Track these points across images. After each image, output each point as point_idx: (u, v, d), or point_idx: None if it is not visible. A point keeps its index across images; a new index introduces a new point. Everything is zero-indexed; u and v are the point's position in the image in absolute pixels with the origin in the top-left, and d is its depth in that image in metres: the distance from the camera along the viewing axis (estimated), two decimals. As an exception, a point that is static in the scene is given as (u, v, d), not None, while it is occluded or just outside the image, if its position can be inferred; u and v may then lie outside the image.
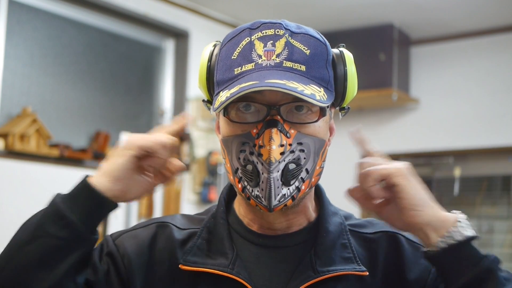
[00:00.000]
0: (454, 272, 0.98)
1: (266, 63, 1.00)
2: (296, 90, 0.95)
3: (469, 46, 4.75)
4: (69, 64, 3.89)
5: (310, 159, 1.02)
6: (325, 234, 1.08)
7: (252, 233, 1.09)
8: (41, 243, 0.97)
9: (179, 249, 1.09)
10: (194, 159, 4.37)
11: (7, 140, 3.36)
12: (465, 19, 4.53)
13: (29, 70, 3.67)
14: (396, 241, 1.11)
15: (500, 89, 4.60)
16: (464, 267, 0.97)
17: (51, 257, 0.97)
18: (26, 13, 3.66)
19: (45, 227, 0.98)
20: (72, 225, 0.98)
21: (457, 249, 0.98)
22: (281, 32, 1.02)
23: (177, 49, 4.44)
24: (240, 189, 1.04)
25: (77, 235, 0.98)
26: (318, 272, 1.04)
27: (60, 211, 0.98)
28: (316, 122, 1.03)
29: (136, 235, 1.12)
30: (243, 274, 1.04)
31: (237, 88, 0.97)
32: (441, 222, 0.99)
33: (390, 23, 4.60)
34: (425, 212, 1.00)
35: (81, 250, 0.99)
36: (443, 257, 0.98)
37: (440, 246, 0.98)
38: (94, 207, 1.00)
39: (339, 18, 4.55)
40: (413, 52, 4.93)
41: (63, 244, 0.97)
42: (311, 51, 1.02)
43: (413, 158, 4.72)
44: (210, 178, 4.37)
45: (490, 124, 4.57)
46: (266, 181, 0.99)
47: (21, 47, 3.64)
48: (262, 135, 1.00)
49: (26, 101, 3.60)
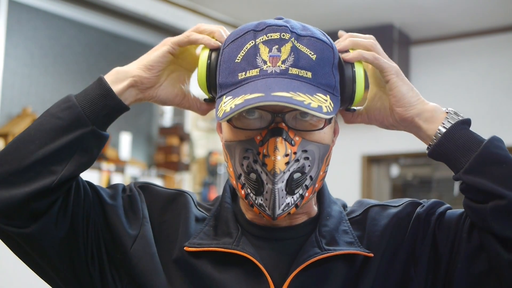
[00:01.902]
0: (460, 152, 1.00)
1: (271, 70, 0.98)
2: (302, 105, 0.93)
3: (469, 46, 4.75)
4: (69, 64, 3.89)
5: (314, 166, 1.01)
6: (328, 217, 1.08)
7: (254, 225, 1.08)
8: (41, 121, 1.03)
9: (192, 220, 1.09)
10: (194, 159, 4.37)
11: (7, 140, 3.36)
12: (465, 19, 4.53)
13: (29, 70, 3.67)
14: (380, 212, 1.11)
15: (500, 89, 4.60)
16: (469, 145, 0.99)
17: (46, 133, 1.01)
18: (26, 13, 3.66)
19: (50, 108, 1.04)
20: (73, 107, 1.02)
21: (457, 131, 1.01)
22: (286, 36, 1.00)
23: (177, 49, 4.43)
24: (243, 195, 1.03)
25: (76, 118, 1.01)
26: (325, 249, 1.03)
27: (68, 97, 1.04)
28: (321, 129, 1.01)
29: (158, 192, 1.13)
30: (249, 249, 1.03)
31: (242, 100, 0.94)
32: (430, 113, 1.03)
33: (390, 23, 4.60)
34: (415, 107, 1.03)
35: (76, 134, 1.01)
36: (446, 142, 1.01)
37: (438, 136, 1.01)
38: (99, 96, 1.04)
39: (339, 18, 4.55)
40: (413, 52, 4.93)
41: (61, 123, 1.01)
42: (317, 56, 1.00)
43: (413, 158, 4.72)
44: (210, 178, 4.37)
45: (490, 124, 4.57)
46: (270, 192, 0.98)
47: (21, 47, 3.64)
48: (266, 143, 0.98)
49: (26, 101, 3.60)
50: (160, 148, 4.30)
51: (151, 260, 1.05)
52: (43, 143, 1.00)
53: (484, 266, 0.99)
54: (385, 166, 5.18)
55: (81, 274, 1.06)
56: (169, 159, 4.20)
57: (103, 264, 1.06)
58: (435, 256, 1.04)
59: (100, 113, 1.04)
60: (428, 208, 1.08)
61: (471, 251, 1.00)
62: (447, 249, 1.02)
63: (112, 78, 1.07)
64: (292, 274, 1.02)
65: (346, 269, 1.04)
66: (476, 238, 1.00)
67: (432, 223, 1.05)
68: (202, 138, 4.38)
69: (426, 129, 1.03)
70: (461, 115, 1.04)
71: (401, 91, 1.03)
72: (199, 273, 1.04)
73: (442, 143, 1.01)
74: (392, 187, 5.20)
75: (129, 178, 3.93)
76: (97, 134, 1.03)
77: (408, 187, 5.25)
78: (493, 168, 0.97)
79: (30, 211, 0.99)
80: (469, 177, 0.99)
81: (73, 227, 1.04)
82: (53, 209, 1.01)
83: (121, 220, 1.07)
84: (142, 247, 1.05)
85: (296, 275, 1.02)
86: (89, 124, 1.02)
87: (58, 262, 1.04)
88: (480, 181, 0.97)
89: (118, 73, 1.08)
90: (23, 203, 0.98)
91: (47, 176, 0.99)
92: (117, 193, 1.10)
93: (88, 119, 1.02)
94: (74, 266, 1.05)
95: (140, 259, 1.05)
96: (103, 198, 1.07)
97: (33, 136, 1.01)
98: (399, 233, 1.07)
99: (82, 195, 1.05)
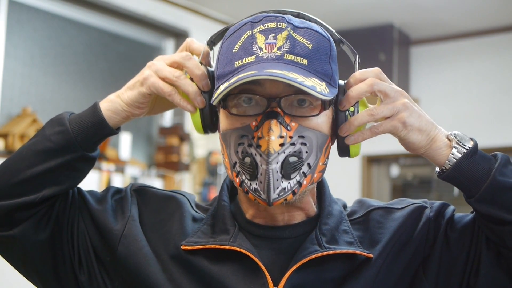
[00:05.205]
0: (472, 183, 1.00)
1: (267, 56, 0.98)
2: (295, 81, 0.92)
3: (469, 46, 4.75)
4: (69, 64, 3.89)
5: (312, 153, 1.00)
6: (329, 216, 1.08)
7: (252, 224, 1.08)
8: (34, 140, 1.07)
9: (188, 220, 1.09)
10: (194, 159, 4.37)
11: (7, 140, 3.36)
12: (465, 19, 4.53)
13: (29, 70, 3.67)
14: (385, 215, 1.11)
15: (500, 89, 4.60)
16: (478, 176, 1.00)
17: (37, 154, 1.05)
18: (26, 13, 3.66)
19: (44, 129, 1.08)
20: (66, 132, 1.05)
21: (467, 158, 1.00)
22: (283, 26, 1.00)
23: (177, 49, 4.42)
24: (238, 183, 1.02)
25: (67, 143, 1.05)
26: (325, 247, 1.03)
27: (62, 120, 1.07)
28: (317, 116, 1.00)
29: (153, 193, 1.14)
30: (246, 245, 1.03)
31: (236, 79, 0.95)
32: (439, 149, 1.02)
33: (390, 23, 4.60)
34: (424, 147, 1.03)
35: (66, 158, 1.05)
36: (457, 171, 1.01)
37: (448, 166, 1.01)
38: (91, 124, 1.06)
39: (339, 18, 4.55)
40: (413, 52, 4.93)
41: (51, 146, 1.05)
42: (313, 46, 1.00)
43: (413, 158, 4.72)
44: (210, 178, 4.37)
45: (490, 124, 4.57)
46: (264, 172, 0.97)
47: (21, 47, 3.64)
48: (261, 127, 0.97)
49: (26, 101, 3.60)
50: (160, 148, 4.30)
51: (140, 254, 1.06)
52: (33, 164, 1.05)
53: (507, 270, 1.01)
54: (385, 166, 5.18)
55: (64, 278, 1.08)
56: (169, 159, 4.20)
57: (93, 269, 1.08)
58: (448, 259, 1.05)
59: (91, 140, 1.07)
60: (437, 211, 1.08)
61: (492, 258, 1.02)
62: (464, 255, 1.04)
63: (106, 106, 1.09)
64: (290, 269, 1.01)
65: (345, 268, 1.04)
66: (494, 246, 1.02)
67: (443, 225, 1.07)
68: (202, 138, 4.38)
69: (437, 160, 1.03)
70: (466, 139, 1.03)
71: (408, 143, 1.03)
72: (197, 268, 1.04)
73: (452, 174, 1.02)
74: (392, 187, 5.20)
75: (129, 178, 3.93)
76: (86, 157, 1.07)
77: (408, 187, 5.24)
78: (503, 196, 0.99)
79: (13, 218, 1.05)
80: (481, 205, 1.00)
81: (56, 232, 1.08)
82: (36, 216, 1.06)
83: (108, 221, 1.08)
84: (127, 246, 1.06)
85: (294, 271, 1.01)
86: (80, 150, 1.06)
87: (40, 264, 1.08)
88: (491, 210, 0.99)
89: (112, 102, 1.09)
90: (6, 213, 1.04)
91: (32, 193, 1.04)
92: (106, 196, 1.12)
93: (79, 145, 1.06)
94: (57, 270, 1.08)
95: (127, 258, 1.06)
96: (90, 204, 1.10)
97: (24, 156, 1.06)
98: (406, 237, 1.07)
99: (69, 203, 1.09)
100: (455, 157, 1.01)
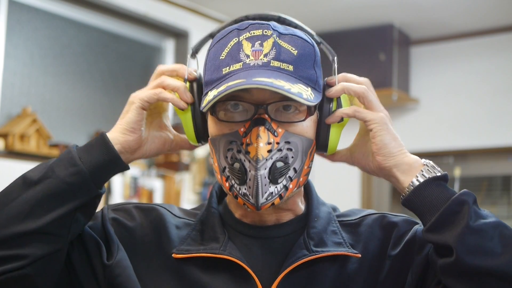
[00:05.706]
0: (427, 209, 1.00)
1: (254, 63, 1.01)
2: (283, 88, 0.96)
3: (469, 46, 4.75)
4: (69, 64, 3.89)
5: (298, 158, 1.03)
6: (316, 219, 1.10)
7: (242, 224, 1.10)
8: (48, 183, 1.00)
9: (172, 229, 1.10)
10: (194, 159, 4.37)
11: (7, 140, 3.36)
12: (465, 19, 4.53)
13: (29, 70, 3.67)
14: (380, 220, 1.13)
15: (500, 89, 4.60)
16: (435, 203, 0.99)
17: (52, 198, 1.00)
18: (26, 13, 3.66)
19: (55, 170, 1.01)
20: (81, 173, 1.01)
21: (427, 187, 1.01)
22: (269, 33, 1.03)
23: (177, 49, 4.44)
24: (227, 188, 1.05)
25: (83, 184, 1.01)
26: (313, 251, 1.05)
27: (73, 159, 1.02)
28: (303, 122, 1.03)
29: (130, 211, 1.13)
30: (236, 254, 1.05)
31: (224, 87, 0.98)
32: (408, 165, 1.03)
33: (390, 23, 4.60)
34: (395, 158, 1.04)
35: (82, 200, 1.02)
36: (414, 197, 1.01)
37: (411, 188, 1.02)
38: (106, 162, 1.04)
39: (339, 18, 4.55)
40: (413, 52, 4.94)
41: (68, 189, 1.00)
42: (298, 52, 1.03)
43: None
44: (210, 178, 4.37)
45: (490, 124, 4.57)
46: (253, 178, 1.00)
47: (21, 47, 3.64)
48: (249, 133, 1.00)
49: (26, 101, 3.60)
50: (160, 148, 4.29)
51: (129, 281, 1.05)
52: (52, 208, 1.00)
53: None
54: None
55: None
56: (169, 159, 4.20)
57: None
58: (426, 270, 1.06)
59: (107, 178, 1.05)
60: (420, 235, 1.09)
61: None
62: None
63: None
64: (280, 276, 1.03)
65: (335, 270, 1.06)
66: None
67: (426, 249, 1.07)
68: (202, 138, 4.38)
69: (402, 181, 1.04)
70: (437, 169, 1.04)
71: (383, 140, 1.04)
72: (188, 277, 1.05)
73: (411, 198, 1.02)
74: (392, 188, 5.21)
75: (129, 178, 3.94)
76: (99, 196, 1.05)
77: (408, 187, 5.24)
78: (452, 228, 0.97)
79: None
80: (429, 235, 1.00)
81: None
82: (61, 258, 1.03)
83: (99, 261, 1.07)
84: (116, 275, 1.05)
85: (284, 277, 1.03)
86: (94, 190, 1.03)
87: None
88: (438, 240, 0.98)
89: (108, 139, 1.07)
90: None
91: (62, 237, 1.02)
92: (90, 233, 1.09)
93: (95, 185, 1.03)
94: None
95: None
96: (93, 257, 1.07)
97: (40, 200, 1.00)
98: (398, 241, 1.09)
99: None
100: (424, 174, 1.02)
